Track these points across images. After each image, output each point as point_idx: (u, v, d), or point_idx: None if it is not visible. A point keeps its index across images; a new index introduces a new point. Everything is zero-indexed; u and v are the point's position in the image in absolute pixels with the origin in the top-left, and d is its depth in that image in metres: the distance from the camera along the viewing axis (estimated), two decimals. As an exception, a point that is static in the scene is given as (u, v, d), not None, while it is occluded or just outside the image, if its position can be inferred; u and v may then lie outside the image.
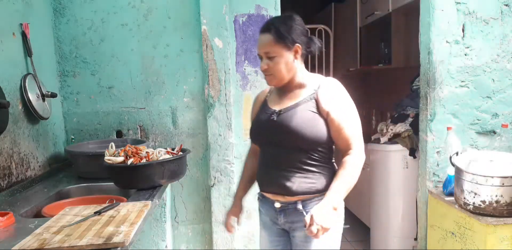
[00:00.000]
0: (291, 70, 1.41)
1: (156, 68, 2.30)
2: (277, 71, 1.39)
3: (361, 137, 1.39)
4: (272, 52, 1.37)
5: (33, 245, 1.02)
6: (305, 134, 1.34)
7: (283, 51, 1.37)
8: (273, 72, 1.39)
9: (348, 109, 1.38)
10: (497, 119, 2.18)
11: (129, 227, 1.13)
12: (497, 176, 1.66)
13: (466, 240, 1.84)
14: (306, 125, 1.35)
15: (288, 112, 1.40)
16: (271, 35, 1.37)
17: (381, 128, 2.82)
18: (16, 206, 1.48)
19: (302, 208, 1.41)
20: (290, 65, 1.39)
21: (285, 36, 1.37)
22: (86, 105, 2.31)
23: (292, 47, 1.38)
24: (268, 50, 1.38)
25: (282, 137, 1.39)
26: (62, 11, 2.23)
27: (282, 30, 1.37)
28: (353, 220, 3.53)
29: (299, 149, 1.38)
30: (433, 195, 2.11)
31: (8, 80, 1.71)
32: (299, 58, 1.42)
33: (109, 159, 1.62)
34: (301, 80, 1.44)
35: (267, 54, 1.38)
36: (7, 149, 1.65)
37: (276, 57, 1.37)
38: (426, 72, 2.17)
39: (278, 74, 1.39)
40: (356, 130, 1.37)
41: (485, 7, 2.10)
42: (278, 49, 1.37)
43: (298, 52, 1.40)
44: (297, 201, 1.41)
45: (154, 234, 2.19)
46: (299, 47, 1.39)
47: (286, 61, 1.38)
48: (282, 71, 1.39)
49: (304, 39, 1.41)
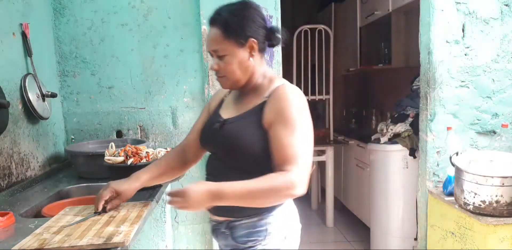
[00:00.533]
0: (247, 71, 1.19)
1: (156, 68, 2.30)
2: (229, 72, 1.18)
3: (305, 159, 1.11)
4: (222, 51, 1.15)
5: (33, 245, 1.02)
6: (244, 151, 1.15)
7: (234, 49, 1.15)
8: (225, 73, 1.18)
9: (294, 125, 1.11)
10: (497, 119, 2.18)
11: (129, 227, 1.13)
12: (497, 176, 1.66)
13: (466, 240, 1.84)
14: (247, 142, 1.14)
15: (232, 124, 1.20)
16: (219, 30, 1.14)
17: (381, 128, 2.82)
18: (16, 206, 1.48)
19: (229, 231, 1.22)
20: (246, 64, 1.18)
21: (235, 31, 1.14)
22: (86, 105, 2.31)
23: (246, 43, 1.15)
24: (216, 47, 1.16)
25: (221, 149, 1.22)
26: (62, 11, 2.23)
27: (231, 23, 1.14)
28: (353, 220, 3.53)
29: (237, 165, 1.18)
30: (433, 195, 2.11)
31: (8, 80, 1.71)
32: (256, 55, 1.19)
33: (109, 159, 1.62)
34: (259, 82, 1.22)
35: (216, 52, 1.17)
36: (7, 149, 1.65)
37: (227, 56, 1.16)
38: (426, 72, 2.17)
39: (231, 76, 1.18)
40: (297, 150, 1.09)
41: (485, 7, 2.10)
42: (229, 46, 1.15)
43: (254, 49, 1.17)
44: (224, 221, 1.23)
45: (154, 234, 2.19)
46: (255, 42, 1.16)
47: (239, 61, 1.16)
48: (236, 73, 1.18)
49: (261, 32, 1.18)
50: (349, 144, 3.48)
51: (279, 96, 1.15)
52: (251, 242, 1.19)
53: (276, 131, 1.11)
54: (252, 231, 1.19)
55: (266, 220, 1.19)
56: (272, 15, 2.22)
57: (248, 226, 1.19)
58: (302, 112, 1.14)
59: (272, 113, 1.13)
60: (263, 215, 1.18)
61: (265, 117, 1.14)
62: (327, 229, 3.50)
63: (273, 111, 1.13)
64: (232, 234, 1.22)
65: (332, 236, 3.36)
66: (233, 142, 1.17)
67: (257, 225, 1.19)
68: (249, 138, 1.15)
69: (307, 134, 1.13)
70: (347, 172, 3.67)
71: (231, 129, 1.19)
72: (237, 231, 1.21)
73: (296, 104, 1.14)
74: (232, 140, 1.17)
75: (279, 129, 1.11)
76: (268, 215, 1.19)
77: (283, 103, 1.13)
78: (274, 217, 1.19)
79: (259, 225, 1.19)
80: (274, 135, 1.11)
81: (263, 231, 1.19)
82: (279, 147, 1.10)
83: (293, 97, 1.15)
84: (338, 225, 3.56)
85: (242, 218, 1.19)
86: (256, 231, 1.19)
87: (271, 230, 1.19)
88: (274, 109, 1.13)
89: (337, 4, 4.14)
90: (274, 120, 1.12)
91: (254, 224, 1.19)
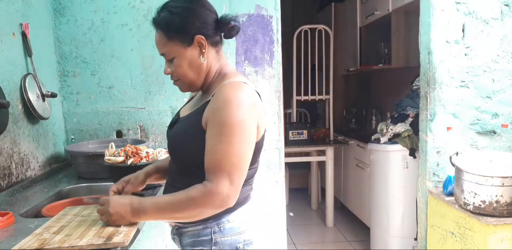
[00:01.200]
0: (200, 70, 1.10)
1: (156, 68, 2.30)
2: (181, 75, 1.09)
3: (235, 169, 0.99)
4: (168, 54, 1.08)
5: (33, 245, 1.02)
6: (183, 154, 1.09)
7: (181, 50, 1.06)
8: (178, 77, 1.10)
9: (229, 130, 0.99)
10: (497, 119, 2.18)
11: (129, 227, 1.13)
12: (497, 176, 1.66)
13: (466, 240, 1.84)
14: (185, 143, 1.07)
15: (178, 124, 1.14)
16: (161, 31, 1.07)
17: (381, 128, 2.82)
18: (16, 206, 1.48)
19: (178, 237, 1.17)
20: (197, 63, 1.08)
21: (177, 31, 1.05)
22: (86, 105, 2.31)
23: (192, 41, 1.06)
24: (163, 51, 1.09)
25: (169, 150, 1.16)
26: (62, 11, 2.23)
27: (171, 23, 1.05)
28: (353, 220, 3.53)
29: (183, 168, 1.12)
30: (433, 195, 2.11)
31: (8, 80, 1.71)
32: (209, 51, 1.09)
33: (109, 159, 1.62)
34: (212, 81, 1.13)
35: (165, 56, 1.10)
36: (7, 149, 1.65)
37: (176, 59, 1.08)
38: (426, 72, 2.17)
39: (185, 78, 1.10)
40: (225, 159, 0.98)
41: (485, 7, 2.10)
42: (174, 48, 1.07)
43: (203, 45, 1.07)
44: (174, 226, 1.18)
45: (154, 234, 2.19)
46: (202, 38, 1.06)
47: (189, 61, 1.08)
48: (188, 75, 1.09)
49: (209, 26, 1.08)
50: (349, 144, 3.48)
51: (220, 95, 1.02)
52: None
53: (208, 134, 1.02)
54: (197, 240, 1.12)
55: (211, 228, 1.10)
56: (272, 15, 2.22)
57: (193, 234, 1.13)
58: (243, 116, 1.00)
59: (209, 114, 1.03)
60: (207, 223, 1.10)
61: (203, 118, 1.04)
62: (327, 229, 3.50)
63: (209, 112, 1.03)
64: (181, 241, 1.17)
65: (332, 236, 3.36)
66: (173, 142, 1.13)
67: (201, 233, 1.11)
68: (187, 139, 1.07)
69: (244, 141, 1.00)
70: (347, 172, 3.67)
71: (175, 129, 1.14)
72: (184, 238, 1.15)
73: (234, 105, 1.00)
74: (173, 141, 1.13)
75: (211, 132, 1.01)
76: (213, 223, 1.10)
77: (222, 104, 1.00)
78: (222, 225, 1.11)
79: (203, 234, 1.11)
80: (206, 139, 1.02)
81: (208, 241, 1.11)
82: (207, 153, 1.01)
83: (236, 98, 1.00)
84: (338, 225, 3.56)
85: (187, 224, 1.12)
86: (200, 241, 1.12)
87: (217, 240, 1.10)
88: (211, 110, 1.03)
89: (337, 4, 4.14)
90: (208, 122, 1.02)
91: (198, 233, 1.12)
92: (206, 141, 1.02)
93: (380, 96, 3.91)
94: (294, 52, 3.53)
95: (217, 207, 1.00)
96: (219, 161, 0.99)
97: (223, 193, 0.98)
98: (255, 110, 1.04)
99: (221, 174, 0.98)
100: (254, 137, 1.05)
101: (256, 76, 2.30)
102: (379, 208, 2.77)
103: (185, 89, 1.14)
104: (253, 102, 1.04)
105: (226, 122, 0.99)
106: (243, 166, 1.02)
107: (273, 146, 2.28)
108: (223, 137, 0.99)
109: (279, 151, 2.30)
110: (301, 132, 3.44)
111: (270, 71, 2.24)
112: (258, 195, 2.22)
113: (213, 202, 0.98)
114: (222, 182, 0.98)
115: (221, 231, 1.11)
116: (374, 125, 3.59)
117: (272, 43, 2.23)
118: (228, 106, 1.00)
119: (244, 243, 1.12)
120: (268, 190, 2.27)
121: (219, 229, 1.11)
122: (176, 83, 1.13)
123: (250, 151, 1.04)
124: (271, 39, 2.22)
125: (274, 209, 2.27)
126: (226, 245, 1.11)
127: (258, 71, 2.28)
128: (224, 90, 1.03)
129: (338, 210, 3.85)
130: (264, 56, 2.23)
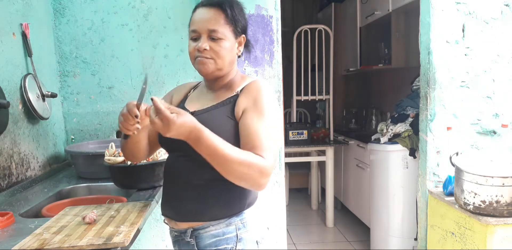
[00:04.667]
0: (233, 61, 1.16)
1: (156, 68, 2.30)
2: (220, 57, 1.10)
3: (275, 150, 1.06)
4: (221, 33, 1.09)
5: (33, 245, 1.02)
6: None
7: (231, 36, 1.11)
8: (216, 56, 1.10)
9: (266, 115, 1.07)
10: (497, 119, 2.18)
11: (129, 227, 1.13)
12: (497, 176, 1.66)
13: (466, 240, 1.84)
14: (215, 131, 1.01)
15: (203, 115, 1.12)
16: (223, 13, 1.09)
17: (381, 128, 2.82)
18: (16, 206, 1.48)
19: (194, 240, 1.12)
20: (234, 55, 1.15)
21: (238, 19, 1.12)
22: (86, 105, 2.31)
23: (239, 36, 1.14)
24: (216, 28, 1.08)
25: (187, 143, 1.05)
26: (62, 11, 2.23)
27: (237, 11, 1.12)
28: (353, 220, 3.53)
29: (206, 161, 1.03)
30: (433, 195, 2.11)
31: (8, 80, 1.71)
32: (239, 53, 1.18)
33: (109, 159, 1.62)
34: (233, 79, 1.18)
35: (213, 33, 1.09)
36: (7, 149, 1.65)
37: (224, 41, 1.09)
38: (426, 73, 2.17)
39: (220, 61, 1.11)
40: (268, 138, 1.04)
41: (485, 7, 2.10)
42: (228, 32, 1.10)
43: (241, 45, 1.16)
44: (187, 229, 1.13)
45: (154, 234, 2.19)
46: (244, 39, 1.16)
47: (232, 49, 1.13)
48: (225, 60, 1.11)
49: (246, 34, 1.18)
50: (349, 144, 3.48)
51: (253, 88, 1.12)
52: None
53: (247, 118, 1.06)
54: (221, 239, 1.11)
55: (235, 225, 1.11)
56: (272, 15, 2.22)
57: (215, 234, 1.11)
58: (274, 106, 1.11)
59: (246, 102, 1.09)
60: (230, 219, 1.10)
61: (237, 107, 1.10)
62: (327, 229, 3.50)
63: (246, 101, 1.09)
64: (198, 244, 1.12)
65: (332, 236, 3.36)
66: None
67: (225, 231, 1.10)
68: (218, 127, 1.06)
69: (276, 126, 1.09)
70: (347, 172, 3.67)
71: (201, 118, 1.07)
72: (203, 240, 1.11)
73: (269, 97, 1.11)
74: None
75: (252, 116, 1.06)
76: (236, 219, 1.11)
77: (258, 94, 1.10)
78: (244, 220, 1.12)
79: (227, 232, 1.10)
80: (246, 122, 1.06)
81: (233, 237, 1.10)
82: (251, 132, 1.04)
83: (267, 90, 1.12)
84: (338, 225, 3.56)
85: (206, 222, 1.11)
86: (225, 239, 1.10)
87: (241, 236, 1.11)
88: (248, 99, 1.10)
89: (337, 4, 4.14)
90: (247, 108, 1.08)
91: (222, 231, 1.11)
92: (248, 125, 1.05)
93: (380, 96, 3.91)
94: (294, 52, 3.53)
95: (260, 183, 1.00)
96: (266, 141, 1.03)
97: (270, 172, 1.00)
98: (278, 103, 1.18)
99: (269, 153, 1.02)
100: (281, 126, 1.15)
101: (256, 76, 2.30)
102: (379, 208, 2.77)
103: (209, 70, 1.12)
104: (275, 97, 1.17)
105: (267, 110, 1.07)
106: (277, 151, 1.10)
107: (273, 146, 2.28)
108: (266, 121, 1.05)
109: (279, 151, 2.29)
110: (301, 132, 3.44)
111: (270, 71, 2.24)
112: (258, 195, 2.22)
113: (262, 177, 0.99)
114: (271, 161, 1.01)
115: (244, 227, 1.13)
116: (374, 125, 3.59)
117: (272, 43, 2.23)
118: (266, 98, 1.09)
119: (261, 237, 1.17)
120: (268, 190, 2.27)
121: (243, 224, 1.13)
122: (207, 61, 1.10)
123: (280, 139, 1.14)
124: (271, 39, 2.22)
125: (274, 209, 2.27)
126: (248, 241, 1.13)
127: (258, 71, 2.27)
128: (259, 85, 1.12)
129: (338, 210, 3.85)
130: (264, 56, 2.22)
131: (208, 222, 1.11)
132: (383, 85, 3.91)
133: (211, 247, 1.11)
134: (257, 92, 1.10)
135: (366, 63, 3.66)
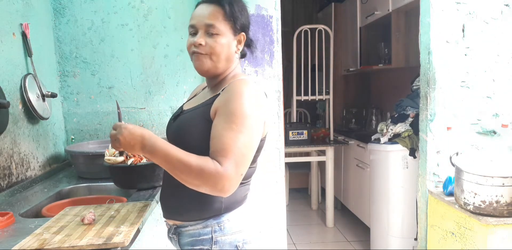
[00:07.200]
0: (230, 59, 1.12)
1: (156, 68, 2.30)
2: (216, 52, 1.08)
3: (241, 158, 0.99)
4: (217, 29, 1.07)
5: (33, 245, 1.02)
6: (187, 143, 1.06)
7: (229, 33, 1.09)
8: (211, 52, 1.08)
9: (238, 119, 1.00)
10: (497, 119, 2.18)
11: (129, 227, 1.13)
12: (497, 176, 1.66)
13: (466, 240, 1.84)
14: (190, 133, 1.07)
15: (183, 116, 1.14)
16: (222, 9, 1.08)
17: (381, 128, 2.82)
18: (16, 206, 1.48)
19: (176, 237, 1.17)
20: (231, 52, 1.11)
21: (237, 17, 1.10)
22: (86, 105, 2.31)
23: (238, 33, 1.12)
24: (213, 22, 1.07)
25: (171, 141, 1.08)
26: (62, 11, 2.23)
27: (236, 8, 1.10)
28: (353, 220, 3.53)
29: None
30: (433, 195, 2.11)
31: (8, 80, 1.71)
32: (238, 52, 1.15)
33: (109, 159, 1.62)
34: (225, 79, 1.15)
35: (210, 29, 1.07)
36: (7, 149, 1.65)
37: (220, 37, 1.07)
38: (426, 72, 2.17)
39: (216, 57, 1.09)
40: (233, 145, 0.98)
41: (485, 7, 2.10)
42: (225, 28, 1.08)
43: (241, 43, 1.13)
44: (172, 225, 1.19)
45: (154, 234, 2.19)
46: (244, 37, 1.13)
47: (229, 46, 1.10)
48: (221, 56, 1.09)
49: (247, 33, 1.16)
50: (349, 144, 3.49)
51: (231, 88, 1.05)
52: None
53: (216, 121, 1.02)
54: (197, 239, 1.13)
55: (211, 227, 1.12)
56: (272, 15, 2.22)
57: (193, 234, 1.14)
58: (253, 110, 1.02)
59: (219, 104, 1.04)
60: (207, 221, 1.12)
61: (212, 107, 1.06)
62: (327, 229, 3.50)
63: (220, 103, 1.04)
64: (179, 241, 1.17)
65: (332, 236, 3.36)
66: (178, 132, 1.12)
67: (201, 232, 1.12)
68: (192, 127, 1.08)
69: (252, 133, 1.01)
70: (347, 172, 3.67)
71: (180, 120, 1.15)
72: (182, 238, 1.16)
73: (247, 99, 1.02)
74: (178, 131, 1.12)
75: (220, 120, 1.01)
76: (214, 222, 1.12)
77: (232, 95, 1.03)
78: (222, 224, 1.12)
79: (203, 233, 1.12)
80: (214, 124, 1.03)
81: (208, 239, 1.12)
82: (214, 137, 1.00)
83: (246, 92, 1.03)
84: (338, 225, 3.56)
85: (186, 222, 1.14)
86: (201, 240, 1.12)
87: (217, 239, 1.11)
88: (222, 100, 1.04)
89: (337, 4, 4.14)
90: (218, 110, 1.04)
91: (198, 232, 1.13)
92: (214, 128, 1.01)
93: (380, 96, 3.92)
94: (294, 52, 3.53)
95: (218, 190, 0.97)
96: (228, 146, 0.97)
97: (229, 179, 0.96)
98: (263, 108, 1.07)
99: (229, 159, 0.97)
100: (260, 132, 1.06)
101: (256, 76, 2.30)
102: (379, 208, 2.77)
103: (205, 67, 1.10)
104: (262, 100, 1.08)
105: (237, 112, 1.00)
106: (249, 157, 1.02)
107: (273, 146, 2.28)
108: (233, 125, 0.99)
109: (279, 151, 2.29)
110: (301, 132, 3.44)
111: (270, 71, 2.24)
112: (258, 195, 2.22)
113: (216, 184, 0.96)
114: (229, 168, 0.96)
115: (221, 230, 1.12)
116: (374, 125, 3.59)
117: (272, 43, 2.23)
118: (240, 99, 1.01)
119: (243, 242, 1.14)
120: (268, 190, 2.27)
121: (219, 228, 1.12)
122: (202, 56, 1.09)
123: (256, 144, 1.05)
124: (271, 39, 2.22)
125: (274, 209, 2.27)
126: (226, 244, 1.12)
127: (258, 71, 2.28)
128: (237, 85, 1.05)
129: (338, 210, 3.85)
130: (264, 56, 2.22)
131: (187, 222, 1.15)
132: (383, 85, 3.91)
133: (188, 246, 1.15)
134: (232, 93, 1.03)
135: (366, 63, 3.66)
